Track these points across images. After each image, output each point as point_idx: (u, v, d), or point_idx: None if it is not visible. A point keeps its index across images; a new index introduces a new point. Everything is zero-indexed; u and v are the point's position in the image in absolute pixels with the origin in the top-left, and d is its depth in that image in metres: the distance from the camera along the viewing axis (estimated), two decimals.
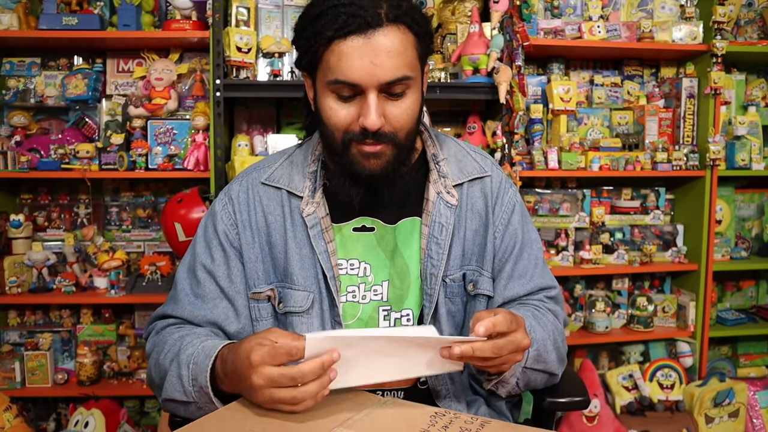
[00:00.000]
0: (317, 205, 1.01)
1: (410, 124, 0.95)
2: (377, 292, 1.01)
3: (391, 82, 0.89)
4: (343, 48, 0.88)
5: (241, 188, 1.07)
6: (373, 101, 0.89)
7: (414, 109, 0.94)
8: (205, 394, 0.89)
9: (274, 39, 2.13)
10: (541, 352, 0.98)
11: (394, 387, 1.00)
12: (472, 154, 1.10)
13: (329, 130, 0.95)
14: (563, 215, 2.43)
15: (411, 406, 0.84)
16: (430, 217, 1.01)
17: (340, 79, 0.89)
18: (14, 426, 2.00)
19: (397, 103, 0.92)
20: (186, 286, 1.05)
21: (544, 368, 1.00)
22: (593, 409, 2.18)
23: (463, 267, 1.03)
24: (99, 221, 2.37)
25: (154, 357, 1.00)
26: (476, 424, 0.77)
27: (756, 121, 2.54)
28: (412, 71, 0.92)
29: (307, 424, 0.76)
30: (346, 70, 0.88)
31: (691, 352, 2.42)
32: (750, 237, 2.68)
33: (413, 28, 0.92)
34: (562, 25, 2.35)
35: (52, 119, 2.34)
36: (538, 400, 1.14)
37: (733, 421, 2.32)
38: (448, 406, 0.99)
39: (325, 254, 1.00)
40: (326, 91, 0.93)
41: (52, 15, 2.09)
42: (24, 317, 2.32)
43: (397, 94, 0.91)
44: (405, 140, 0.95)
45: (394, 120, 0.92)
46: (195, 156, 2.13)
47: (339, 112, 0.92)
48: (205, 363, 0.89)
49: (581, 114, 2.48)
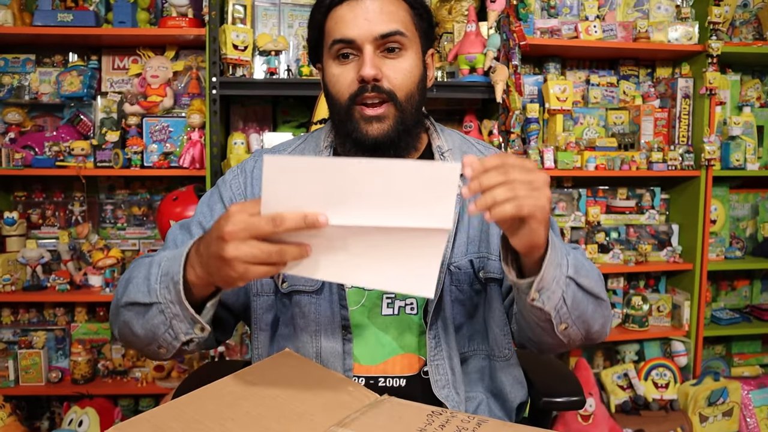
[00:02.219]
0: None
1: (409, 86, 0.97)
2: None
3: (384, 35, 0.94)
4: (339, 12, 0.96)
5: (256, 165, 1.07)
6: (368, 53, 0.94)
7: (413, 72, 0.98)
8: (174, 285, 0.82)
9: (270, 37, 2.13)
10: (580, 266, 0.88)
11: (397, 374, 0.99)
12: (476, 146, 1.11)
13: (335, 98, 0.98)
14: (559, 215, 2.43)
15: (408, 405, 0.83)
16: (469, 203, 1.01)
17: (336, 38, 0.95)
18: (7, 424, 1.99)
19: (394, 62, 0.96)
20: (177, 236, 1.02)
21: (588, 286, 0.89)
22: (588, 408, 2.19)
23: (469, 254, 1.02)
24: (94, 219, 2.36)
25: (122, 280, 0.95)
26: (473, 423, 0.77)
27: (751, 121, 2.55)
28: (407, 30, 0.96)
29: (304, 422, 0.76)
30: (342, 28, 0.95)
31: (685, 352, 2.43)
32: (744, 237, 2.69)
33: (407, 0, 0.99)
34: (559, 25, 2.35)
35: (47, 116, 2.33)
36: (535, 399, 1.14)
37: (727, 420, 2.33)
38: (446, 396, 0.97)
39: None
40: (329, 60, 0.98)
41: (47, 11, 2.08)
42: (18, 315, 2.30)
43: (392, 50, 0.96)
44: (406, 102, 0.97)
45: (392, 76, 0.95)
46: (191, 154, 2.13)
47: (340, 75, 0.97)
48: (181, 251, 0.84)
49: (577, 113, 2.48)
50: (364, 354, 0.99)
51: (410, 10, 0.99)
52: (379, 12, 0.95)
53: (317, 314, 0.99)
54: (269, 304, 1.04)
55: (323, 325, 0.99)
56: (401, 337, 0.99)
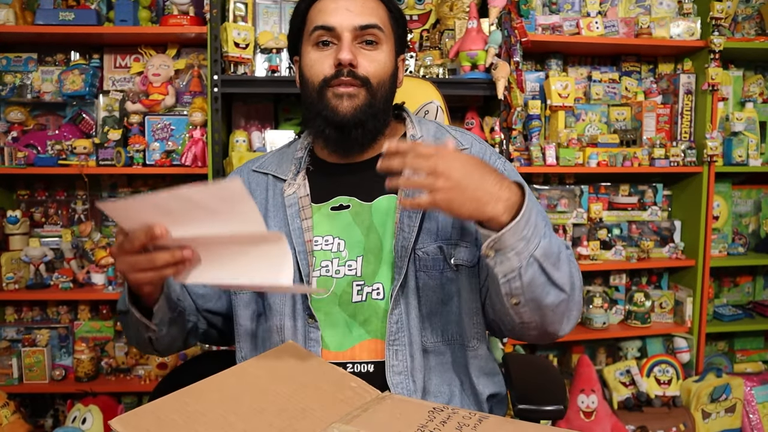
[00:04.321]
0: (298, 186, 1.08)
1: (383, 76, 1.03)
2: (351, 267, 1.02)
3: (364, 26, 1.00)
4: (322, 3, 1.03)
5: (236, 176, 1.16)
6: (347, 39, 1.00)
7: (387, 65, 1.04)
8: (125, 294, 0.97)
9: (271, 34, 2.13)
10: (552, 254, 0.87)
11: (364, 360, 1.00)
12: (451, 132, 1.12)
13: (309, 82, 1.03)
14: (561, 211, 2.43)
15: (409, 402, 0.84)
16: (403, 193, 1.02)
17: (318, 25, 1.01)
18: (11, 422, 2.00)
19: (370, 53, 1.02)
20: None
21: (554, 276, 0.88)
22: (591, 405, 2.19)
23: (439, 240, 1.02)
24: (96, 217, 2.37)
25: None
26: (474, 419, 0.77)
27: (753, 117, 2.54)
28: (384, 27, 1.03)
29: (306, 417, 0.76)
30: (324, 16, 1.01)
31: (688, 348, 2.43)
32: (747, 233, 2.69)
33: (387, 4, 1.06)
34: (560, 21, 2.35)
35: (49, 115, 2.33)
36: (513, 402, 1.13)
37: (730, 417, 2.33)
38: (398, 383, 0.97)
39: (298, 230, 1.04)
40: (308, 47, 1.04)
41: (48, 10, 2.08)
42: (21, 313, 2.31)
43: (370, 43, 1.02)
44: (378, 90, 1.02)
45: (367, 65, 1.01)
46: (192, 152, 2.13)
47: (317, 60, 1.02)
48: None
49: (579, 110, 2.48)
50: (333, 341, 1.01)
51: (388, 13, 1.06)
52: (361, 6, 1.01)
53: (282, 305, 1.03)
54: (246, 301, 1.08)
55: (287, 315, 1.03)
56: (367, 322, 1.01)
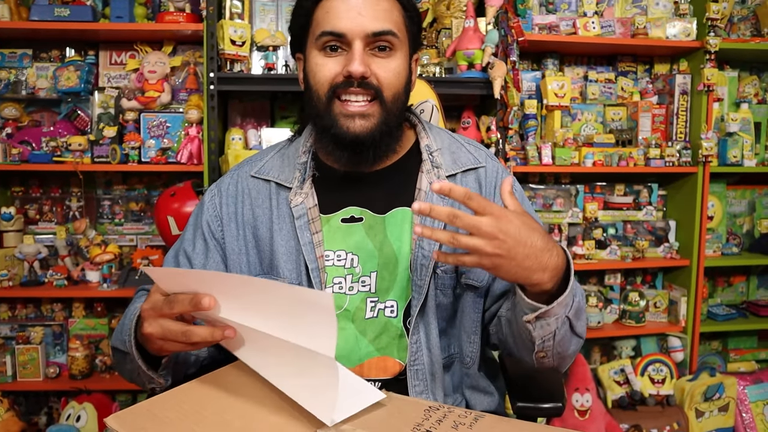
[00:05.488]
0: (305, 195, 1.01)
1: (397, 86, 0.96)
2: (365, 283, 0.99)
3: (377, 33, 0.92)
4: (331, 3, 0.93)
5: (231, 181, 1.08)
6: (358, 48, 0.91)
7: (401, 72, 0.96)
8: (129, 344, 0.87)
9: (268, 32, 2.13)
10: (580, 309, 0.89)
11: (372, 377, 0.98)
12: (466, 146, 1.09)
13: (314, 88, 0.96)
14: (556, 211, 2.44)
15: (405, 400, 0.84)
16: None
17: (326, 30, 0.92)
18: (5, 420, 1.99)
19: (383, 61, 0.94)
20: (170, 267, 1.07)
21: (579, 329, 0.91)
22: (585, 404, 2.20)
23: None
24: (91, 214, 2.36)
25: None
26: (470, 418, 0.77)
27: (748, 117, 2.55)
28: (398, 31, 0.94)
29: (303, 414, 0.76)
30: (333, 20, 0.92)
31: (682, 347, 2.44)
32: (741, 233, 2.70)
33: (401, 1, 0.97)
34: (557, 21, 2.35)
35: (44, 111, 2.32)
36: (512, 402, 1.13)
37: (723, 416, 2.34)
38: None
39: (309, 245, 0.98)
40: (314, 50, 0.95)
41: (44, 6, 2.07)
42: (15, 311, 2.30)
43: (383, 49, 0.94)
44: (392, 103, 0.95)
45: (380, 74, 0.93)
46: (188, 149, 2.12)
47: (325, 66, 0.94)
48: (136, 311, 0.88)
49: (575, 110, 2.48)
50: (340, 354, 0.97)
51: (403, 11, 0.97)
52: (374, 8, 0.92)
53: None
54: None
55: None
56: (378, 339, 0.98)
